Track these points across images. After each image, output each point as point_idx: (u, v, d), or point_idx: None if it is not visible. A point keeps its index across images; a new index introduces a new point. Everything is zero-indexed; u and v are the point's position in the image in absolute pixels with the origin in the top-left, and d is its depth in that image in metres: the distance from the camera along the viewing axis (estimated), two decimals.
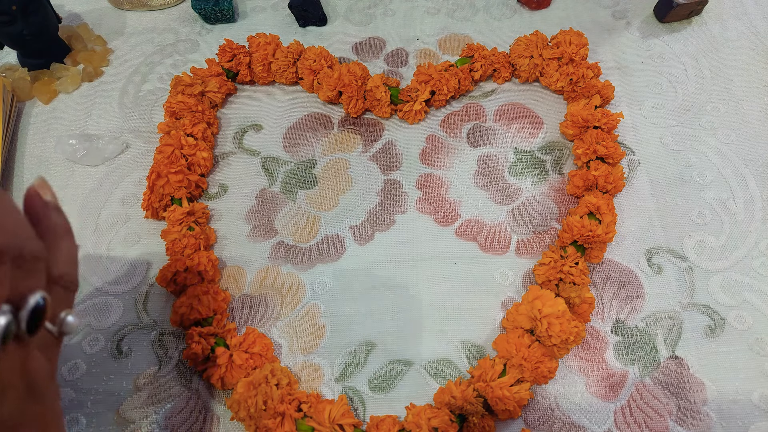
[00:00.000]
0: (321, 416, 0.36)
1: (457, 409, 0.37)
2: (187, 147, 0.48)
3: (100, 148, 0.52)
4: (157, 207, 0.47)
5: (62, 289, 0.24)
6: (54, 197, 0.26)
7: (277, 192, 0.50)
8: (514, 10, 0.62)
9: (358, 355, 0.41)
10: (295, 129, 0.54)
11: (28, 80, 0.56)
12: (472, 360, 0.41)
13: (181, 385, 0.40)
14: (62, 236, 0.25)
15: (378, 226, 0.47)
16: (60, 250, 0.25)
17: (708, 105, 0.53)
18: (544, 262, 0.43)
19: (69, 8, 0.65)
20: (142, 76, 0.59)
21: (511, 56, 0.55)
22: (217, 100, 0.54)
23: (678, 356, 0.40)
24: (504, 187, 0.49)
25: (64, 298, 0.24)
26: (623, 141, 0.51)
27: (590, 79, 0.52)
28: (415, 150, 0.52)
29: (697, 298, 0.43)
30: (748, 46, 0.57)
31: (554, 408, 0.39)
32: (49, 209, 0.25)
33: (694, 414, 0.38)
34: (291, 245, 0.47)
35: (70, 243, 0.26)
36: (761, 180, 0.48)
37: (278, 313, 0.43)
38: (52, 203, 0.26)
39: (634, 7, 0.61)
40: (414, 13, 0.62)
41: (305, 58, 0.54)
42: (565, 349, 0.38)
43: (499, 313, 0.43)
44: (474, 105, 0.54)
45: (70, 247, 0.25)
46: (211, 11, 0.61)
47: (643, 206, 0.47)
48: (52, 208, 0.26)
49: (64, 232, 0.25)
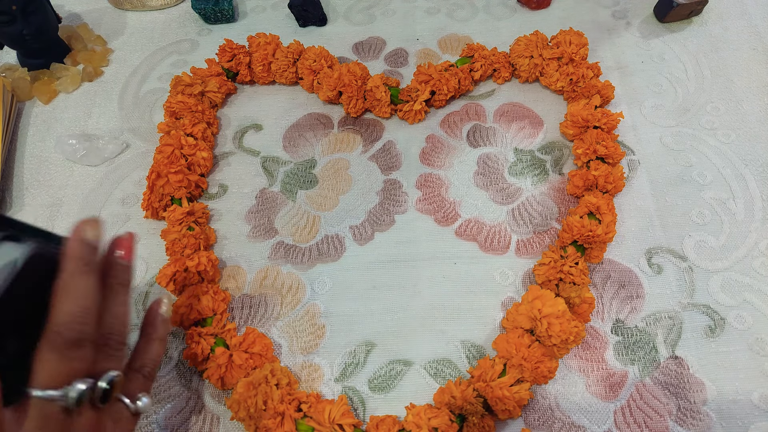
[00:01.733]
0: (321, 416, 0.36)
1: (457, 409, 0.37)
2: (187, 147, 0.48)
3: (100, 148, 0.52)
4: (157, 207, 0.47)
5: (141, 377, 0.31)
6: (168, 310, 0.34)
7: (277, 192, 0.50)
8: (514, 10, 0.62)
9: (358, 355, 0.41)
10: (295, 129, 0.54)
11: (28, 80, 0.56)
12: (472, 360, 0.41)
13: (181, 385, 0.40)
14: (155, 341, 0.33)
15: (378, 226, 0.47)
16: (149, 350, 0.32)
17: (708, 105, 0.53)
18: (544, 262, 0.43)
19: (69, 8, 0.65)
20: (142, 76, 0.59)
21: (511, 56, 0.55)
22: (217, 100, 0.54)
23: (678, 356, 0.40)
24: (504, 187, 0.49)
25: (143, 384, 0.31)
26: (623, 141, 0.51)
27: (590, 79, 0.52)
28: (415, 150, 0.52)
29: (697, 298, 0.43)
30: (748, 46, 0.57)
31: (554, 408, 0.39)
32: (158, 320, 0.33)
33: (694, 414, 0.38)
34: (291, 245, 0.47)
35: (159, 347, 0.33)
36: (761, 180, 0.48)
37: (278, 313, 0.43)
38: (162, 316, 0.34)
39: (634, 7, 0.61)
40: (414, 13, 0.62)
41: (305, 58, 0.54)
42: (565, 349, 0.38)
43: (499, 313, 0.43)
44: (474, 105, 0.54)
45: (158, 350, 0.33)
46: (211, 11, 0.61)
47: (643, 206, 0.47)
48: (161, 320, 0.33)
49: (158, 338, 0.33)
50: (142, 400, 0.30)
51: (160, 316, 0.34)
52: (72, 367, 0.26)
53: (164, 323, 0.34)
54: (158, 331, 0.33)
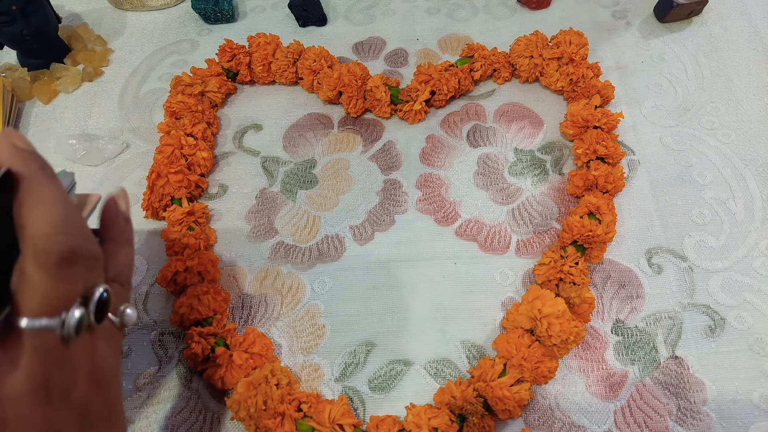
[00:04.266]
0: (321, 416, 0.36)
1: (457, 409, 0.37)
2: (187, 147, 0.48)
3: (100, 148, 0.52)
4: (157, 207, 0.47)
5: (119, 286, 0.27)
6: (128, 208, 0.29)
7: (277, 192, 0.50)
8: (514, 10, 0.62)
9: (358, 355, 0.41)
10: (295, 129, 0.54)
11: (28, 80, 0.56)
12: (472, 360, 0.41)
13: (181, 385, 0.40)
14: (123, 244, 0.29)
15: (378, 226, 0.47)
16: (118, 256, 0.28)
17: (708, 105, 0.53)
18: (544, 262, 0.43)
19: (69, 8, 0.65)
20: (142, 76, 0.59)
21: (511, 56, 0.55)
22: (217, 100, 0.54)
23: (678, 356, 0.40)
24: (504, 187, 0.49)
25: (122, 293, 0.28)
26: (623, 141, 0.51)
27: (590, 79, 0.52)
28: (415, 150, 0.52)
29: (697, 298, 0.43)
30: (748, 46, 0.57)
31: (554, 408, 0.39)
32: (120, 218, 0.29)
33: (694, 414, 0.38)
34: (291, 245, 0.47)
35: (128, 250, 0.29)
36: (761, 180, 0.48)
37: (278, 313, 0.43)
38: (123, 214, 0.29)
39: (634, 7, 0.61)
40: (414, 13, 0.62)
41: (305, 58, 0.54)
42: (565, 349, 0.38)
43: (499, 313, 0.43)
44: (474, 105, 0.54)
45: (128, 254, 0.29)
46: (211, 11, 0.61)
47: (643, 206, 0.47)
48: (123, 218, 0.29)
49: (125, 241, 0.29)
50: (126, 312, 0.27)
51: (122, 213, 0.29)
52: (68, 289, 0.22)
53: (126, 221, 0.29)
54: (124, 233, 0.29)
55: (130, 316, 0.27)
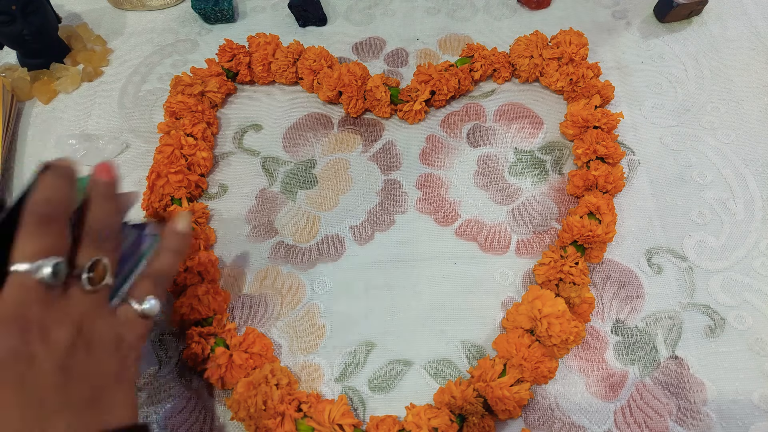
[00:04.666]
0: (321, 416, 0.36)
1: (457, 409, 0.37)
2: (187, 147, 0.48)
3: (100, 148, 0.52)
4: (157, 207, 0.47)
5: (152, 283, 0.32)
6: (186, 227, 0.35)
7: (277, 192, 0.50)
8: (514, 10, 0.62)
9: (358, 355, 0.41)
10: (295, 129, 0.54)
11: (27, 80, 0.56)
12: (472, 360, 0.41)
13: (181, 385, 0.40)
14: (167, 250, 0.34)
15: (378, 226, 0.47)
16: (160, 259, 0.34)
17: (708, 105, 0.53)
18: (544, 262, 0.43)
19: (69, 8, 0.65)
20: (141, 76, 0.59)
21: (511, 56, 0.55)
22: (217, 100, 0.54)
23: (678, 356, 0.40)
24: (504, 187, 0.49)
25: (152, 289, 0.32)
26: (623, 141, 0.51)
27: (590, 79, 0.52)
28: (415, 150, 0.52)
29: (697, 298, 0.43)
30: (748, 46, 0.57)
31: (554, 408, 0.39)
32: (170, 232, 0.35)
33: (694, 414, 0.38)
34: (291, 245, 0.47)
35: (172, 259, 0.34)
36: (761, 180, 0.48)
37: (278, 313, 0.43)
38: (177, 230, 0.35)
39: (634, 7, 0.61)
40: (414, 13, 0.62)
41: (305, 58, 0.54)
42: (565, 349, 0.38)
43: (499, 313, 0.43)
44: (474, 105, 0.54)
45: (170, 261, 0.34)
46: (211, 11, 0.61)
47: (643, 206, 0.47)
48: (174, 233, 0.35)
49: (170, 249, 0.34)
50: (149, 301, 0.31)
51: (176, 229, 0.34)
52: (45, 242, 0.27)
53: (178, 236, 0.34)
54: (171, 242, 0.34)
55: (151, 306, 0.31)
